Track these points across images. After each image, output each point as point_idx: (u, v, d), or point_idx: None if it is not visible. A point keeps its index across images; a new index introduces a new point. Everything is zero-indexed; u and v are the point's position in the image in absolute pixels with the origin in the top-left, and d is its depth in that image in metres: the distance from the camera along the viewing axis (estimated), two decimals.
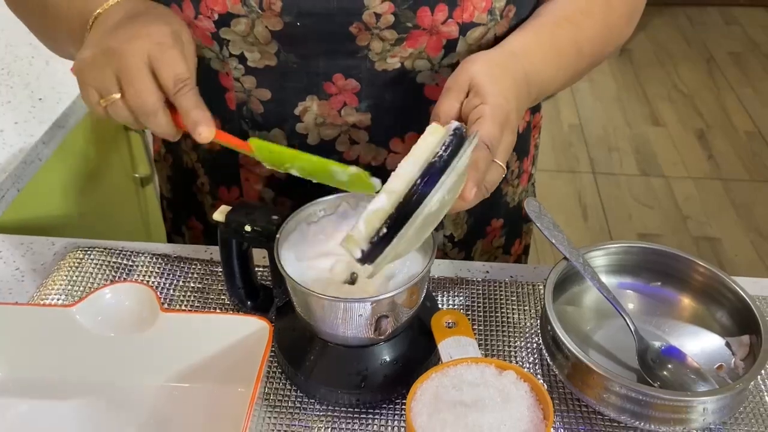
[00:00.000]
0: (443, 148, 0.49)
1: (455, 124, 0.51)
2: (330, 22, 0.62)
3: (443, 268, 0.74)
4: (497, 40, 0.65)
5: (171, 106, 0.56)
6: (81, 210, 1.04)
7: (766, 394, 0.62)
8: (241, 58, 0.66)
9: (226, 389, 0.59)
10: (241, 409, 0.53)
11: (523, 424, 0.52)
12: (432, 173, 0.48)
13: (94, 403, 0.59)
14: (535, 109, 0.82)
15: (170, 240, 0.91)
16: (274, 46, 0.64)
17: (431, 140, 0.50)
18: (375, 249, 0.48)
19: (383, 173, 0.52)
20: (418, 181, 0.48)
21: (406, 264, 0.59)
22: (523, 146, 0.81)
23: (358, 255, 0.49)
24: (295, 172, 0.59)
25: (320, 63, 0.66)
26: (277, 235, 0.59)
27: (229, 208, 0.62)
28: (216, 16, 0.62)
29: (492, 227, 0.83)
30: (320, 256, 0.61)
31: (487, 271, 0.74)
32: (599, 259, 0.66)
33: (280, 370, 0.64)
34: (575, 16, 0.66)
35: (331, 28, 0.63)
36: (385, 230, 0.48)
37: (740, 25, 3.42)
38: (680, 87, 2.96)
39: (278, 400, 0.61)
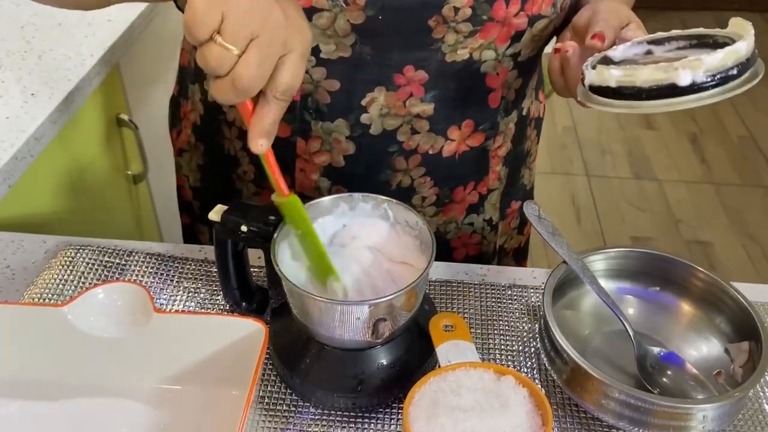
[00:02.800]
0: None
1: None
2: (411, 15, 0.64)
3: (441, 270, 0.74)
4: (555, 30, 0.70)
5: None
6: (73, 207, 1.03)
7: (764, 401, 0.61)
8: (315, 50, 0.66)
9: (220, 392, 0.58)
10: (236, 412, 0.52)
11: (521, 430, 0.51)
12: None
13: (85, 405, 0.58)
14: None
15: (190, 231, 0.91)
16: (351, 38, 0.65)
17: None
18: (707, 83, 0.50)
19: (437, 163, 0.57)
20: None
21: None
22: (540, 130, 0.86)
23: (690, 79, 0.51)
24: (296, 240, 0.59)
25: (393, 55, 0.67)
26: (274, 236, 0.59)
27: (225, 207, 0.61)
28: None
29: (512, 209, 0.87)
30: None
31: (485, 275, 0.74)
32: (598, 263, 0.66)
33: (275, 373, 0.63)
34: None
35: (410, 22, 0.64)
36: (735, 71, 0.50)
37: None
38: None
39: (273, 404, 0.60)
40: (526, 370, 0.64)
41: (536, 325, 0.68)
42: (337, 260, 0.60)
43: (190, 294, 0.70)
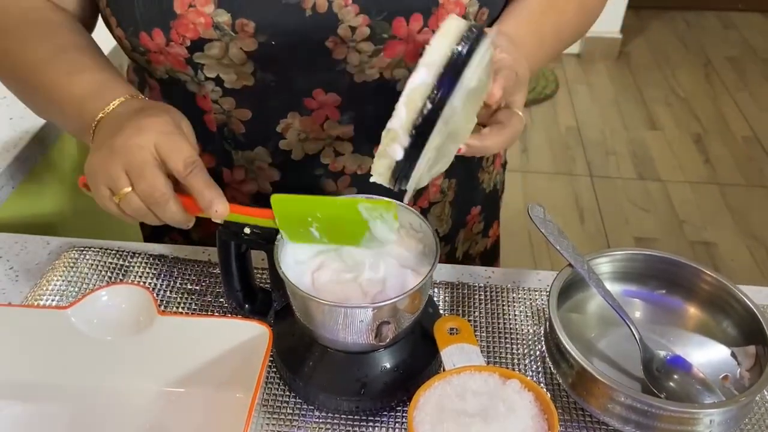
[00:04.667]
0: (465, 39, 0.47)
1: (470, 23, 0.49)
2: (305, 38, 0.62)
3: (444, 272, 0.73)
4: None
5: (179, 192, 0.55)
6: (76, 208, 1.03)
7: None
8: (218, 81, 0.65)
9: (223, 394, 0.58)
10: (240, 414, 0.51)
11: None
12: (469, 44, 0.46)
13: (89, 407, 0.58)
14: None
15: (152, 235, 0.90)
16: (250, 67, 0.64)
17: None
18: (416, 141, 0.46)
19: (368, 182, 0.53)
20: (458, 49, 0.46)
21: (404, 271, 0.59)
22: None
23: (400, 155, 0.47)
24: (317, 234, 0.58)
25: (298, 79, 0.65)
26: (278, 237, 0.58)
27: None
28: (188, 42, 0.62)
29: (471, 215, 0.85)
30: (318, 255, 0.60)
31: (489, 277, 0.73)
32: (604, 266, 0.65)
33: (278, 376, 0.63)
34: (558, 2, 0.69)
35: (306, 44, 0.63)
36: (429, 106, 0.46)
37: (738, 29, 3.42)
38: (678, 91, 2.96)
39: (276, 406, 0.60)
40: (531, 374, 0.63)
41: (541, 328, 0.67)
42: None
43: (193, 296, 0.69)
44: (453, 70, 0.46)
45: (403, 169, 0.49)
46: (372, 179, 0.52)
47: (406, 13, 0.61)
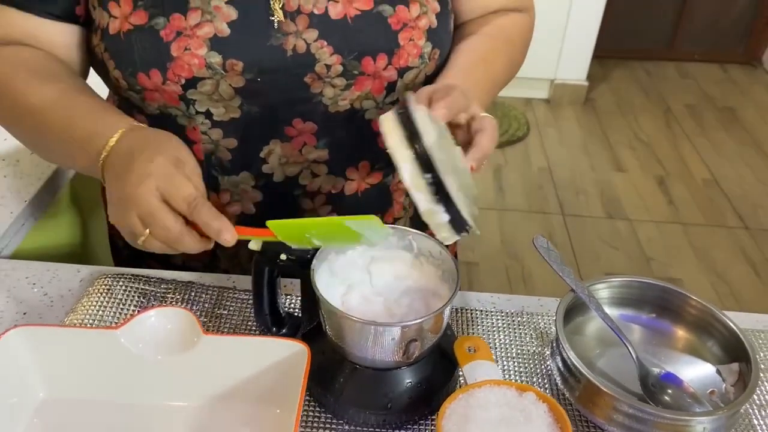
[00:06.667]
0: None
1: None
2: (287, 75, 0.71)
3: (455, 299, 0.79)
4: (428, 78, 0.76)
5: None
6: (95, 236, 1.06)
7: (753, 417, 0.68)
8: (207, 114, 0.73)
9: (263, 410, 0.62)
10: (279, 429, 0.56)
11: None
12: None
13: (136, 423, 0.62)
14: None
15: (125, 262, 0.93)
16: (237, 101, 0.72)
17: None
18: (444, 198, 0.56)
19: (341, 200, 0.62)
20: (407, 133, 0.56)
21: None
22: None
23: (446, 217, 0.56)
24: (317, 242, 0.63)
25: (280, 110, 0.74)
26: (313, 262, 0.64)
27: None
28: (183, 81, 0.69)
29: (429, 232, 0.91)
30: (347, 280, 0.66)
31: (495, 303, 0.80)
32: (602, 291, 0.73)
33: (308, 393, 0.67)
34: (488, 55, 0.78)
35: (288, 80, 0.71)
36: (429, 175, 0.55)
37: (695, 79, 3.63)
38: (640, 135, 3.12)
39: (309, 421, 0.65)
40: (539, 389, 0.69)
41: (545, 349, 0.74)
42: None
43: (221, 319, 0.74)
44: (418, 145, 0.56)
45: (456, 220, 0.57)
46: (447, 243, 0.60)
47: (373, 54, 0.71)
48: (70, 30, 0.73)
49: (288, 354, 0.61)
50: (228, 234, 0.59)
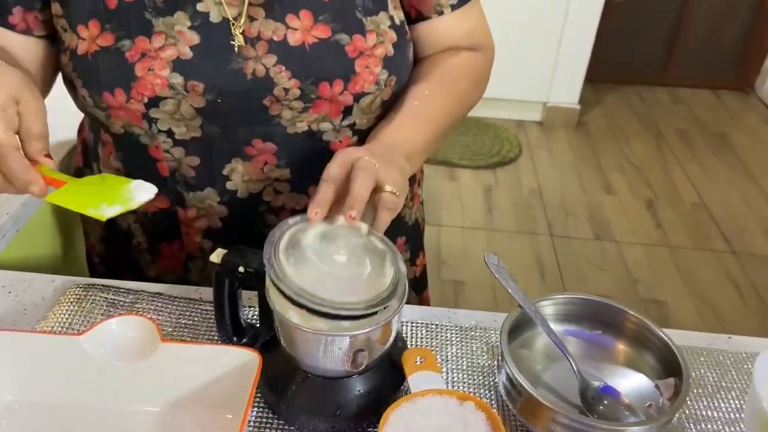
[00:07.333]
0: None
1: None
2: (246, 97, 0.75)
3: (412, 312, 0.83)
4: (384, 103, 0.79)
5: None
6: (76, 248, 1.10)
7: (687, 430, 0.71)
8: (169, 133, 0.77)
9: (217, 415, 0.65)
10: None
11: None
12: None
13: (93, 426, 0.65)
14: None
15: None
16: (198, 121, 0.76)
17: None
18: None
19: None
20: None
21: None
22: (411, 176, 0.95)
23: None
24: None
25: (240, 131, 0.77)
26: (267, 278, 0.67)
27: (225, 251, 0.70)
28: (146, 100, 0.73)
29: (398, 245, 0.96)
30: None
31: (450, 317, 0.83)
32: (548, 308, 0.76)
33: (263, 401, 0.70)
34: (428, 96, 0.80)
35: (247, 102, 0.75)
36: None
37: (686, 104, 3.69)
38: (631, 159, 3.16)
39: (261, 427, 0.68)
40: (486, 400, 0.72)
41: (494, 362, 0.77)
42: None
43: (186, 329, 0.78)
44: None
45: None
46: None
47: (330, 79, 0.75)
48: (26, 42, 0.77)
49: (241, 362, 0.65)
50: (36, 187, 0.62)
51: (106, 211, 0.62)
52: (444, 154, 3.03)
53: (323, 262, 0.64)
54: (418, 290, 1.05)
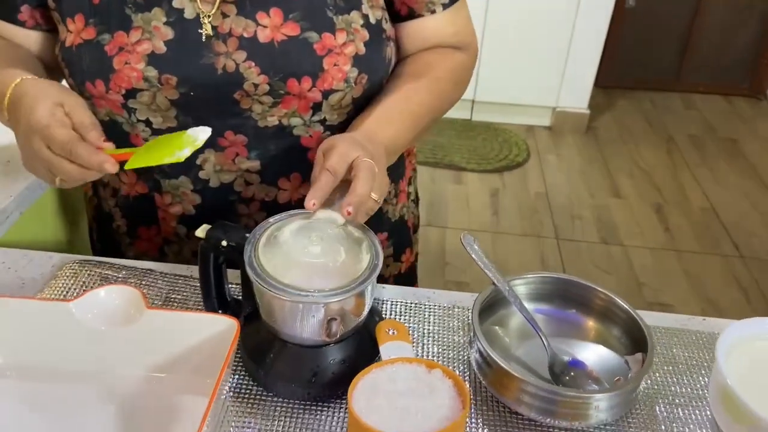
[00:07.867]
0: None
1: None
2: (217, 91, 0.78)
3: (393, 292, 0.86)
4: (354, 100, 0.82)
5: None
6: (80, 231, 1.15)
7: (656, 405, 0.72)
8: (147, 123, 0.81)
9: (197, 380, 0.68)
10: (208, 397, 0.62)
11: (444, 410, 0.62)
12: None
13: (81, 388, 0.68)
14: None
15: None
16: (173, 112, 0.80)
17: None
18: None
19: (275, 208, 0.69)
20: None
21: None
22: (396, 172, 0.97)
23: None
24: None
25: (212, 123, 0.79)
26: (247, 250, 0.70)
27: (209, 226, 0.74)
28: (123, 91, 0.78)
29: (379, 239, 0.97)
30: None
31: (430, 298, 0.85)
32: (521, 287, 0.78)
33: (244, 370, 0.74)
34: (409, 93, 0.83)
35: (218, 96, 0.79)
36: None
37: (699, 110, 3.68)
38: (641, 164, 3.16)
39: (242, 394, 0.71)
40: (459, 374, 0.75)
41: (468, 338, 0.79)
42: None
43: (175, 303, 0.81)
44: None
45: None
46: None
47: (298, 76, 0.78)
48: (36, 36, 0.83)
49: (221, 328, 0.68)
50: (108, 164, 0.67)
51: (179, 155, 0.68)
52: (450, 157, 3.06)
53: (300, 254, 0.68)
54: (406, 285, 1.05)
